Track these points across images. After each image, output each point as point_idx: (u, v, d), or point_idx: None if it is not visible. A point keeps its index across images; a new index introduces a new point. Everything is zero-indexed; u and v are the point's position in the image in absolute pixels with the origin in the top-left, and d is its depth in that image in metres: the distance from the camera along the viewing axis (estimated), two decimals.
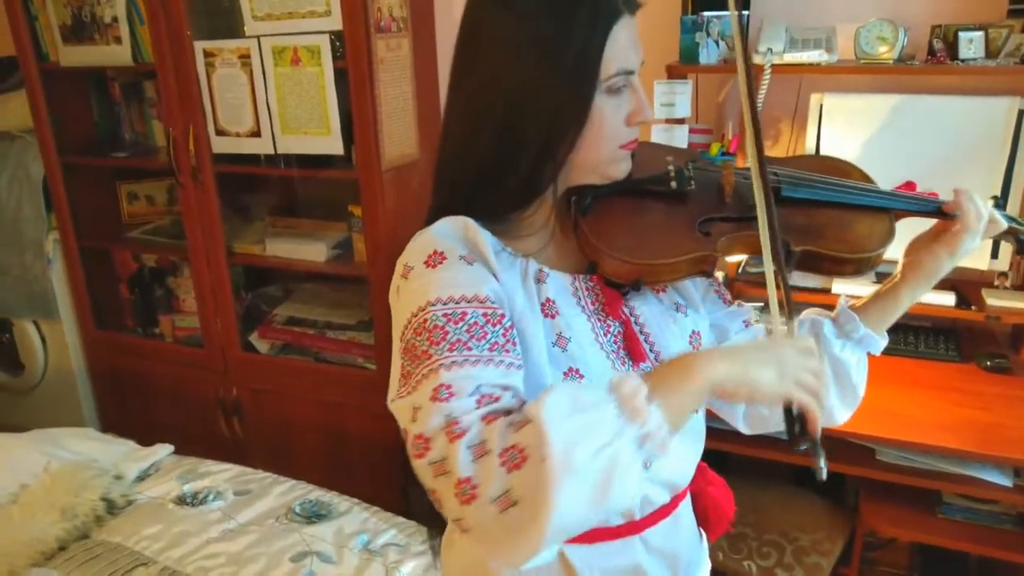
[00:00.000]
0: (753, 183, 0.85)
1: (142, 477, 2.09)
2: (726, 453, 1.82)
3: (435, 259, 0.81)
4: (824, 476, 0.77)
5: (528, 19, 0.80)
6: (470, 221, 0.84)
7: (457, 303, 0.77)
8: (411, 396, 0.74)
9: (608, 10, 0.80)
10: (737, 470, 1.90)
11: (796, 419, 0.76)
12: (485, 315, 0.78)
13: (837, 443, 1.75)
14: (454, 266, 0.80)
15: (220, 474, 2.08)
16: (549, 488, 0.64)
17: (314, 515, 1.90)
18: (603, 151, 0.86)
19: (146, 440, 2.27)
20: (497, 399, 0.73)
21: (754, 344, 0.77)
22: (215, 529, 1.84)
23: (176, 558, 1.75)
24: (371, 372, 2.36)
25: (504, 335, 0.78)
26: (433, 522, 1.04)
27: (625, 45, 0.82)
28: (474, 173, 0.85)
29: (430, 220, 0.87)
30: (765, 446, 1.79)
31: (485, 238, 0.84)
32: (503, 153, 0.83)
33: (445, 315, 0.77)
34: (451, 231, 0.84)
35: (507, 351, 0.77)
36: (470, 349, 0.75)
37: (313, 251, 2.38)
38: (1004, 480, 1.67)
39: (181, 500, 1.96)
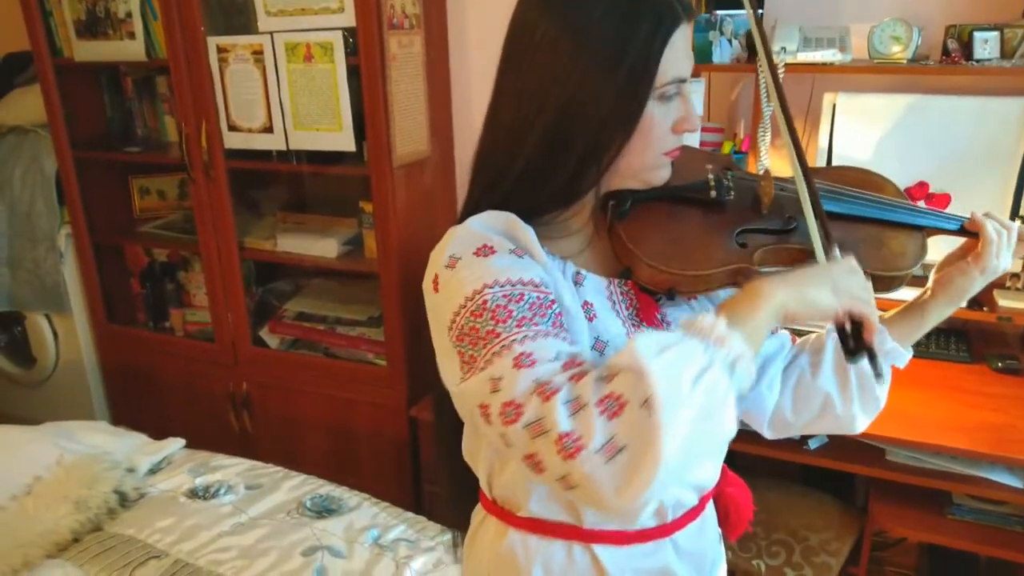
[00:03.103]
0: (799, 190, 0.88)
1: (154, 470, 2.11)
2: (735, 452, 1.82)
3: (485, 251, 0.80)
4: (884, 376, 0.92)
5: (589, 24, 0.78)
6: (513, 216, 0.83)
7: (514, 285, 0.77)
8: (486, 371, 0.73)
9: (671, 17, 0.79)
10: (746, 469, 1.89)
11: (852, 332, 0.80)
12: (539, 298, 0.77)
13: (847, 443, 1.74)
14: (505, 257, 0.79)
15: (231, 468, 2.09)
16: (655, 426, 0.64)
17: (324, 510, 1.91)
18: (647, 157, 0.85)
19: (156, 433, 2.29)
20: (580, 363, 0.73)
21: (807, 270, 0.80)
22: (227, 523, 1.85)
23: (188, 551, 1.76)
24: (381, 368, 2.36)
25: (557, 318, 0.78)
26: (448, 519, 1.04)
27: (681, 52, 0.81)
28: (518, 173, 0.84)
29: (466, 213, 0.86)
30: (775, 446, 1.79)
31: (528, 233, 0.83)
32: (549, 155, 0.82)
33: (505, 296, 0.76)
34: (495, 226, 0.83)
35: (566, 330, 0.78)
36: (536, 324, 0.75)
37: (324, 247, 2.39)
38: (1014, 481, 1.67)
39: (193, 493, 1.97)
